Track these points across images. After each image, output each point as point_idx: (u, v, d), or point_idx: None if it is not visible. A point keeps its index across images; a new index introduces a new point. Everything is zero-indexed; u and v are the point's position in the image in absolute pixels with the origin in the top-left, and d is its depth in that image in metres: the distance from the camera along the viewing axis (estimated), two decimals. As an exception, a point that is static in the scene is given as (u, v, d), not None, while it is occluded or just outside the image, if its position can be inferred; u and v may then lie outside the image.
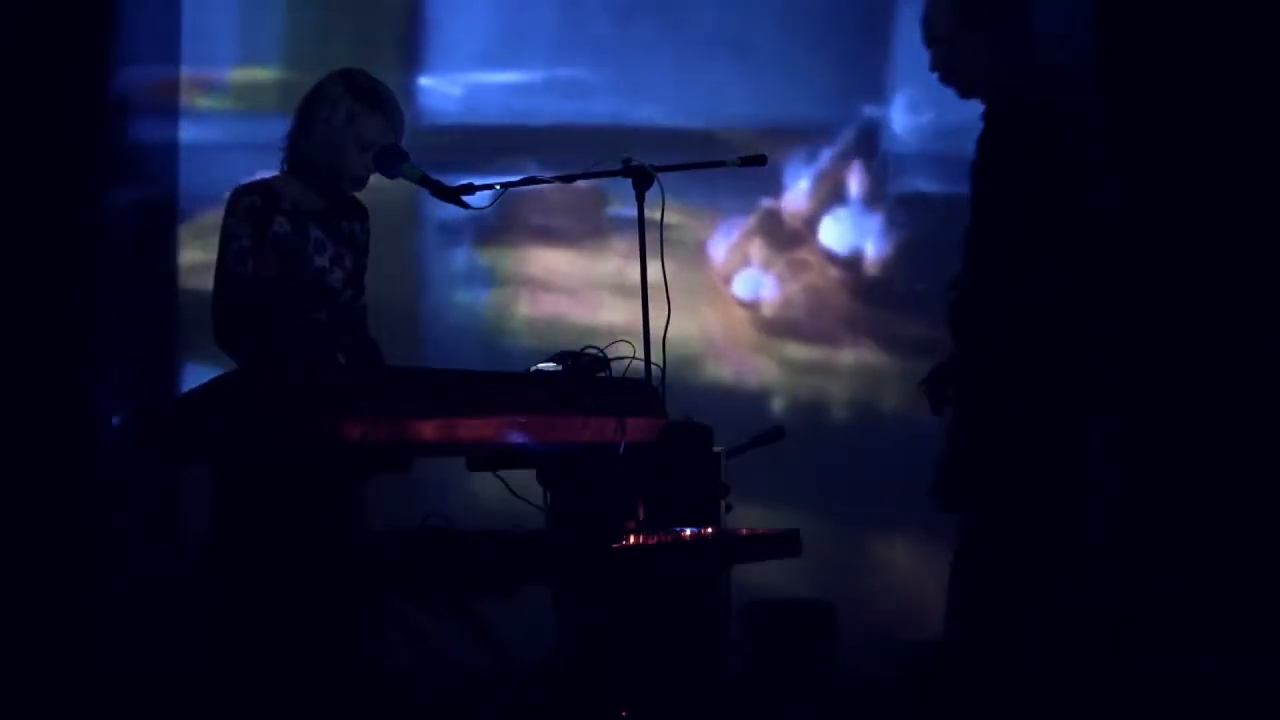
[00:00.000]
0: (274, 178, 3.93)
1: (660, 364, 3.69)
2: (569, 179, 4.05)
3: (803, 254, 6.28)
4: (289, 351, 3.82)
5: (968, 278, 3.59)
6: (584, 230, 6.27)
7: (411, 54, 6.23)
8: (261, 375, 3.09)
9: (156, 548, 5.46)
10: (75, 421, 5.13)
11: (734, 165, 4.01)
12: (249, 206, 3.84)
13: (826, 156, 6.24)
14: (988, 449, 3.52)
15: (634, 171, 3.86)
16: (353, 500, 3.80)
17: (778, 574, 4.50)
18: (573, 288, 6.22)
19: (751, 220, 6.30)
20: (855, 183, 6.27)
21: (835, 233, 6.25)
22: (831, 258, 6.23)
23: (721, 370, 6.21)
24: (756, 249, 6.27)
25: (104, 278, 5.41)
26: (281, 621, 3.42)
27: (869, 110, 6.20)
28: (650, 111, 6.19)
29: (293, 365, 3.47)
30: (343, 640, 3.56)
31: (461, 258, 6.35)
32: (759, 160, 4.00)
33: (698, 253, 6.23)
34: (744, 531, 3.74)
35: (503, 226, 6.29)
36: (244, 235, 3.81)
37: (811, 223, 6.30)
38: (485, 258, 6.37)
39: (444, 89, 6.18)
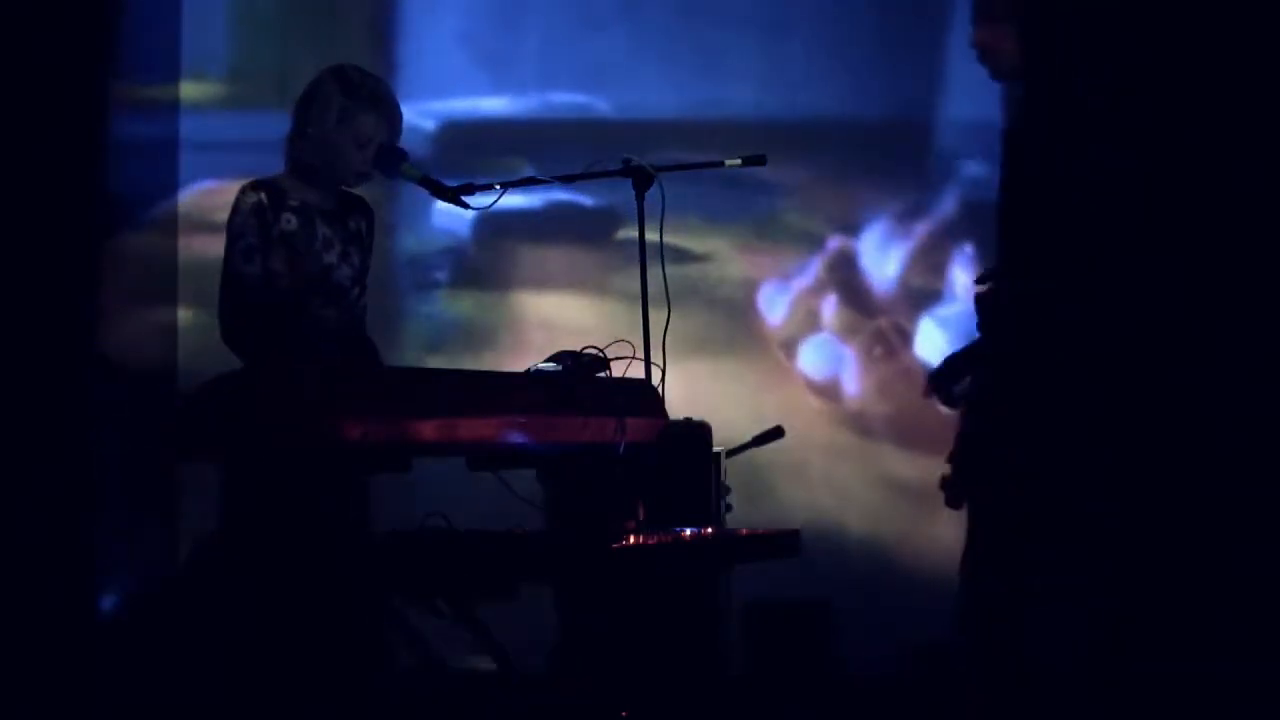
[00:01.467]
0: (280, 175, 3.92)
1: (660, 364, 3.69)
2: (569, 179, 4.04)
3: (899, 319, 4.87)
4: (295, 350, 3.81)
5: (995, 270, 3.59)
6: (589, 264, 5.30)
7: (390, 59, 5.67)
8: (262, 375, 3.09)
9: (156, 548, 5.46)
10: (75, 421, 5.13)
11: (735, 166, 3.99)
12: (255, 204, 3.83)
13: (914, 209, 4.91)
14: (1001, 443, 3.52)
15: (634, 171, 3.85)
16: (356, 499, 3.80)
17: (778, 574, 4.49)
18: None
19: (820, 266, 5.02)
20: (957, 258, 4.89)
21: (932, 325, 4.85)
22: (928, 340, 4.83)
23: (792, 490, 4.75)
24: (829, 309, 4.96)
25: (104, 278, 5.41)
26: (284, 620, 3.43)
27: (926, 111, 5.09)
28: (664, 107, 5.42)
29: (294, 365, 3.47)
30: (344, 639, 3.56)
31: (437, 305, 5.51)
32: (759, 160, 3.98)
33: (745, 302, 5.05)
34: (744, 531, 3.74)
35: (487, 262, 5.51)
36: (250, 233, 3.81)
37: (903, 278, 4.98)
38: (464, 304, 5.55)
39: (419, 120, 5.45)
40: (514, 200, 4.91)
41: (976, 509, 3.57)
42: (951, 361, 3.74)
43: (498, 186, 3.92)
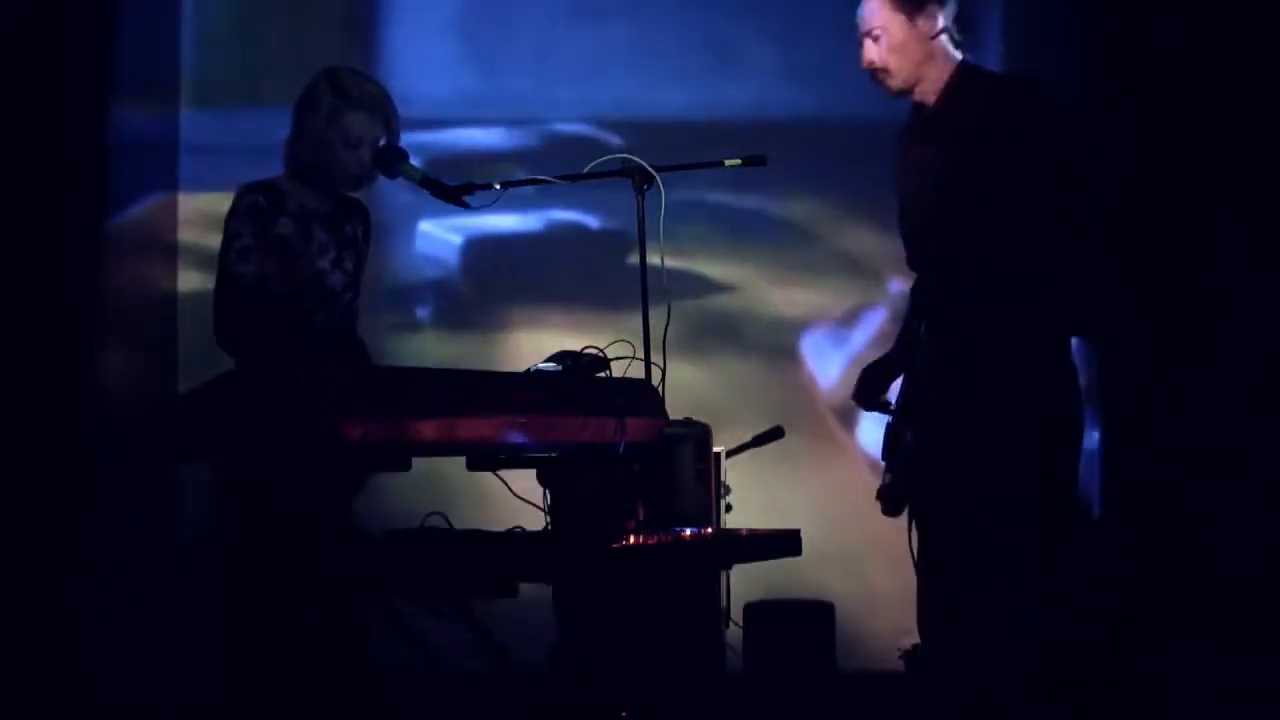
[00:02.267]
0: (279, 177, 3.92)
1: (660, 364, 3.69)
2: (569, 179, 4.03)
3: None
4: (290, 351, 3.82)
5: (933, 279, 3.59)
6: (596, 298, 4.59)
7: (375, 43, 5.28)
8: (262, 375, 3.09)
9: (156, 548, 5.46)
10: (75, 421, 5.13)
11: (735, 165, 3.98)
12: (253, 205, 3.83)
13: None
14: (951, 453, 3.51)
15: (634, 171, 3.85)
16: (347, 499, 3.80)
17: (778, 574, 4.48)
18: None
19: (885, 311, 4.26)
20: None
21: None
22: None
23: (868, 622, 3.99)
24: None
25: (105, 278, 5.41)
26: (284, 619, 3.43)
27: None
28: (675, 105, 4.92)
29: (293, 365, 3.47)
30: (343, 639, 3.56)
31: (420, 348, 4.88)
32: (759, 160, 3.97)
33: (785, 350, 4.37)
34: (744, 531, 3.74)
35: (479, 297, 4.91)
36: (247, 234, 3.81)
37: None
38: (452, 348, 4.90)
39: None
40: (509, 221, 4.71)
41: (946, 513, 3.55)
42: (879, 368, 3.74)
43: (497, 185, 3.91)
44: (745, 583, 4.87)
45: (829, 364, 4.21)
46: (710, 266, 4.32)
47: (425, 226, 5.12)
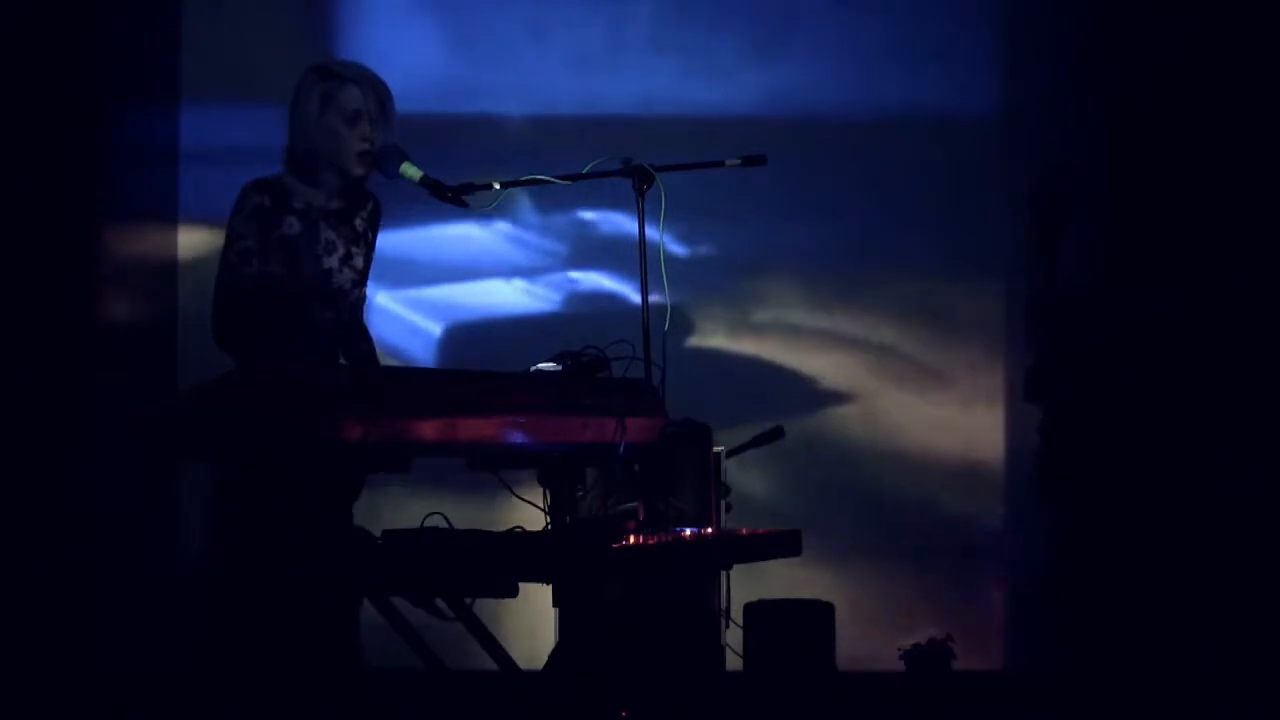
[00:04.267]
0: (284, 175, 3.90)
1: (660, 364, 3.69)
2: (571, 178, 4.02)
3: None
4: (290, 350, 3.81)
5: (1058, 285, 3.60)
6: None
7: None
8: (262, 375, 3.09)
9: (156, 548, 5.46)
10: (75, 421, 5.13)
11: (734, 166, 3.97)
12: (257, 206, 3.81)
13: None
14: (1082, 446, 3.56)
15: (634, 171, 3.84)
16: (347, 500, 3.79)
17: (778, 574, 4.48)
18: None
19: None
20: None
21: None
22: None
23: None
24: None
25: (103, 278, 5.41)
26: (284, 620, 3.43)
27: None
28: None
29: (293, 365, 3.47)
30: (343, 639, 3.56)
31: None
32: (759, 160, 3.96)
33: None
34: (744, 531, 3.74)
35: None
36: (249, 235, 3.80)
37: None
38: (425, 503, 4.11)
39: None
40: (514, 296, 4.53)
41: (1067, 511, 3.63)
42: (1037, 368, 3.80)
43: (497, 185, 3.90)
44: (745, 583, 4.87)
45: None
46: (798, 356, 3.91)
47: (386, 301, 4.45)
